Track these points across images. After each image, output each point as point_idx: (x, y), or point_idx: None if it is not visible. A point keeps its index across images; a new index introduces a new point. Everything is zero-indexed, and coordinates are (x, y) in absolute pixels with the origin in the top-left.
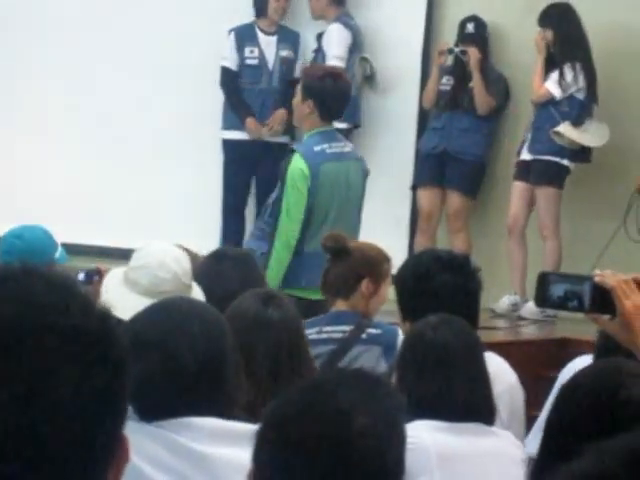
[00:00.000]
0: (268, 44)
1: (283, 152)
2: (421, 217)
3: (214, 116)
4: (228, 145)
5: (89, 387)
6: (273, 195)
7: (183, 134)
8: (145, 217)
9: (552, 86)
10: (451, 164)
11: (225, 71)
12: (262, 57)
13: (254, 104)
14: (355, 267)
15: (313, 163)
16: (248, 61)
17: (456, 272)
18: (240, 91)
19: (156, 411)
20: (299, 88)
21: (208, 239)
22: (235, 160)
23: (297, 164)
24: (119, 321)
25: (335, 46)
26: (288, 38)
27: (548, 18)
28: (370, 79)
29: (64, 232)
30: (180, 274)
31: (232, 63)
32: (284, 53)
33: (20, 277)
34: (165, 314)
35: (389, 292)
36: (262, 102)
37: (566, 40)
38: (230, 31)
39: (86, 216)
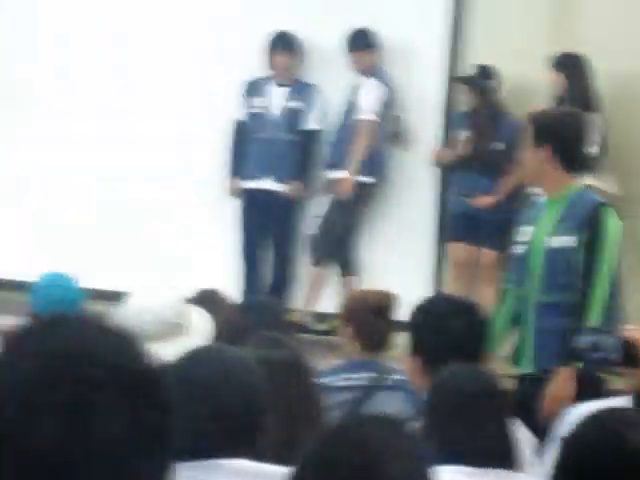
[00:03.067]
0: (278, 95)
1: (292, 201)
2: (456, 267)
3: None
4: (243, 194)
5: (139, 425)
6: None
7: (202, 182)
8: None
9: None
10: (482, 224)
11: (234, 122)
12: (268, 106)
13: (259, 152)
14: None
15: None
16: (254, 110)
17: (470, 318)
18: (242, 143)
19: (193, 452)
20: (529, 138)
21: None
22: (248, 208)
23: (617, 220)
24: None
25: (371, 100)
26: (301, 90)
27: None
28: (398, 136)
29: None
30: (167, 315)
31: (241, 113)
32: (292, 104)
33: (73, 323)
34: (213, 360)
35: None
36: (267, 151)
37: None
38: (243, 82)
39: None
